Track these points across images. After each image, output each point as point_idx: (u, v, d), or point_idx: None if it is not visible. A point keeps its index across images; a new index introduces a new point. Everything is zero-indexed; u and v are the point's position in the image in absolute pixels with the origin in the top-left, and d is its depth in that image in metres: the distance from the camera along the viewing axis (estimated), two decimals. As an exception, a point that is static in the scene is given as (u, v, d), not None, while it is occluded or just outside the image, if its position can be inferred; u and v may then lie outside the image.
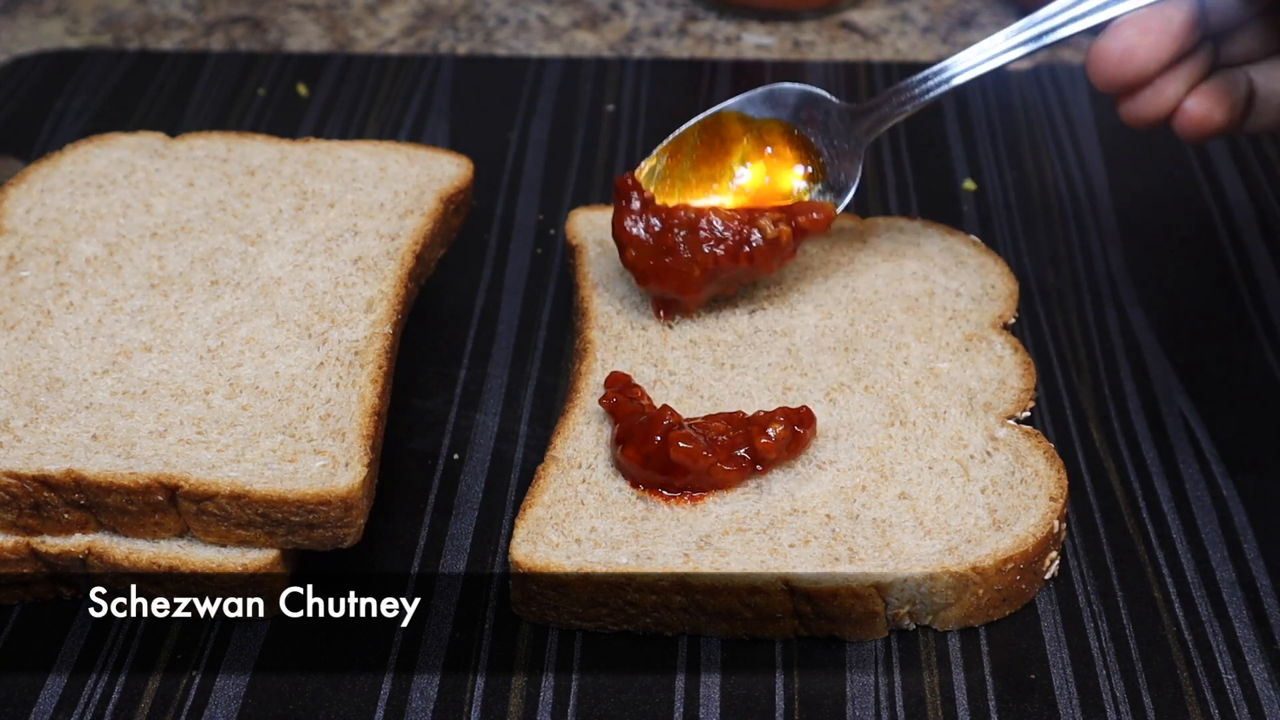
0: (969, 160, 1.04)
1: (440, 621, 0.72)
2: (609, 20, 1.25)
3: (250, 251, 0.83)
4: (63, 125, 1.09)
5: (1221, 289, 0.92)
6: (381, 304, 0.79)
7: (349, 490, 0.69)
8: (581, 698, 0.68)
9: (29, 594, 0.73)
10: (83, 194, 0.87)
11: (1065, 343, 0.88)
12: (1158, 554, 0.75)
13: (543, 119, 1.09)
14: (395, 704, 0.68)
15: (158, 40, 1.22)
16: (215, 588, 0.70)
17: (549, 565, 0.70)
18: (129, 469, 0.69)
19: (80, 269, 0.82)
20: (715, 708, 0.68)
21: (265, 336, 0.78)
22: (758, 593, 0.69)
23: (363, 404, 0.74)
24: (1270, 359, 0.86)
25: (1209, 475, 0.79)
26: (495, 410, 0.84)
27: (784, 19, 1.23)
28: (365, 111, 1.10)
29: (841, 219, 0.91)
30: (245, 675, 0.69)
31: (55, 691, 0.69)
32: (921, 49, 1.20)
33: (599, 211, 0.91)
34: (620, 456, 0.74)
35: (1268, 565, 0.74)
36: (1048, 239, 0.97)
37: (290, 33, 1.23)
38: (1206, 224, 0.98)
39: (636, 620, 0.71)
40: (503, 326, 0.90)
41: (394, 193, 0.87)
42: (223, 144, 0.92)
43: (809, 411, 0.75)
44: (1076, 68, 1.14)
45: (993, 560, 0.69)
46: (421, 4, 1.27)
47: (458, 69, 1.15)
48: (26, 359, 0.76)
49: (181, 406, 0.74)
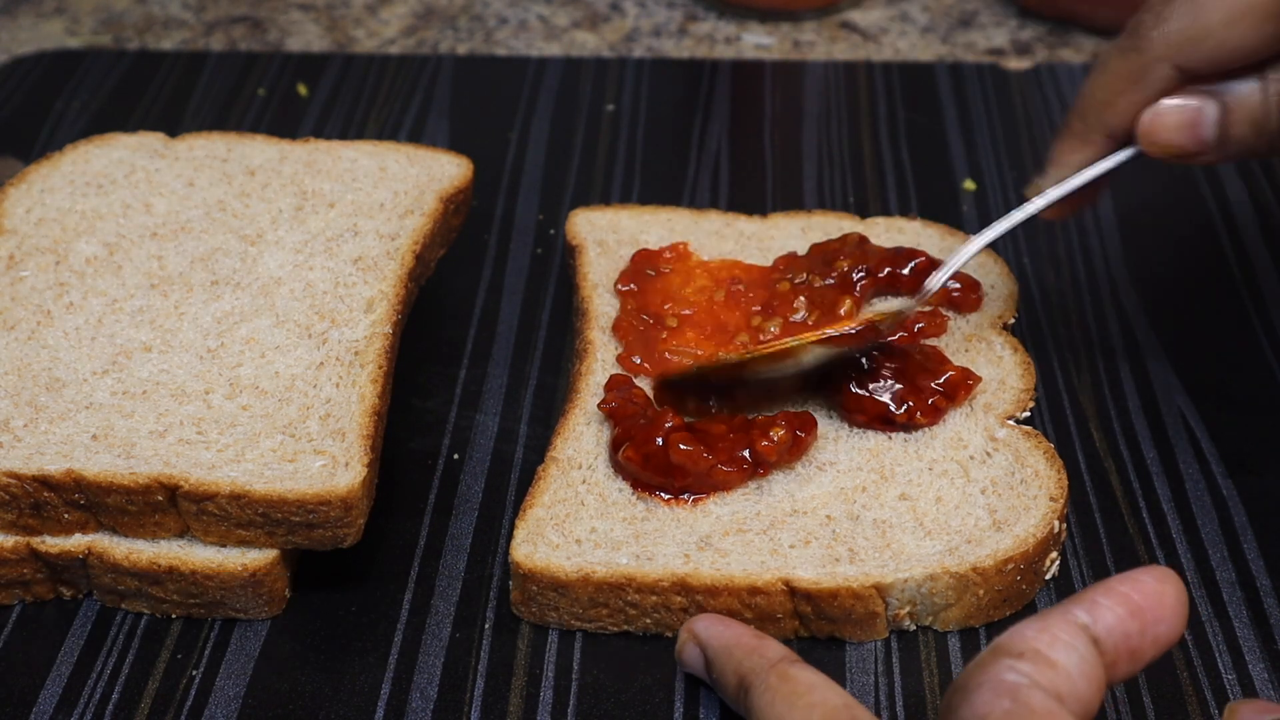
0: (969, 160, 1.04)
1: (440, 621, 0.72)
2: (609, 20, 1.25)
3: (250, 251, 0.83)
4: (63, 125, 1.09)
5: (1221, 289, 0.92)
6: (381, 304, 0.79)
7: (349, 490, 0.69)
8: (581, 698, 0.68)
9: (29, 594, 0.73)
10: (83, 194, 0.87)
11: (1065, 343, 0.88)
12: (1158, 554, 0.75)
13: (543, 119, 1.09)
14: (395, 704, 0.68)
15: (158, 40, 1.22)
16: (215, 588, 0.70)
17: (549, 566, 0.70)
18: (129, 469, 0.69)
19: (80, 269, 0.82)
20: (715, 708, 0.68)
21: (265, 336, 0.78)
22: (758, 593, 0.69)
23: (363, 404, 0.74)
24: (1270, 359, 0.86)
25: (1209, 475, 0.79)
26: (495, 410, 0.84)
27: (784, 19, 1.23)
28: (365, 111, 1.10)
29: (840, 218, 0.91)
30: (245, 675, 0.69)
31: (55, 691, 0.69)
32: (921, 49, 1.20)
33: (599, 212, 0.91)
34: (621, 458, 0.74)
35: (1268, 565, 0.74)
36: (1048, 239, 0.97)
37: (290, 33, 1.23)
38: (1206, 224, 0.98)
39: (637, 621, 0.71)
40: (503, 326, 0.90)
41: (394, 193, 0.87)
42: (223, 144, 0.92)
43: (810, 416, 0.75)
44: (1076, 68, 1.14)
45: (993, 561, 0.69)
46: (421, 4, 1.27)
47: (458, 69, 1.15)
48: (26, 359, 0.76)
49: (181, 406, 0.74)
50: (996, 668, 0.52)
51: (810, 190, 1.02)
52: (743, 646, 0.64)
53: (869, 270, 0.83)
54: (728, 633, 0.66)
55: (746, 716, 0.62)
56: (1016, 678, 0.51)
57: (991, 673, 0.52)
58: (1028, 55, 1.19)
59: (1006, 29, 1.22)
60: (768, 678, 0.62)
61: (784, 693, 0.60)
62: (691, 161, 1.05)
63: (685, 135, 1.08)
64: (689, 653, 0.67)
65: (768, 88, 1.13)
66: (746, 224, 0.91)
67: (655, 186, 1.02)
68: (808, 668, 0.62)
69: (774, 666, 0.62)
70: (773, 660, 0.62)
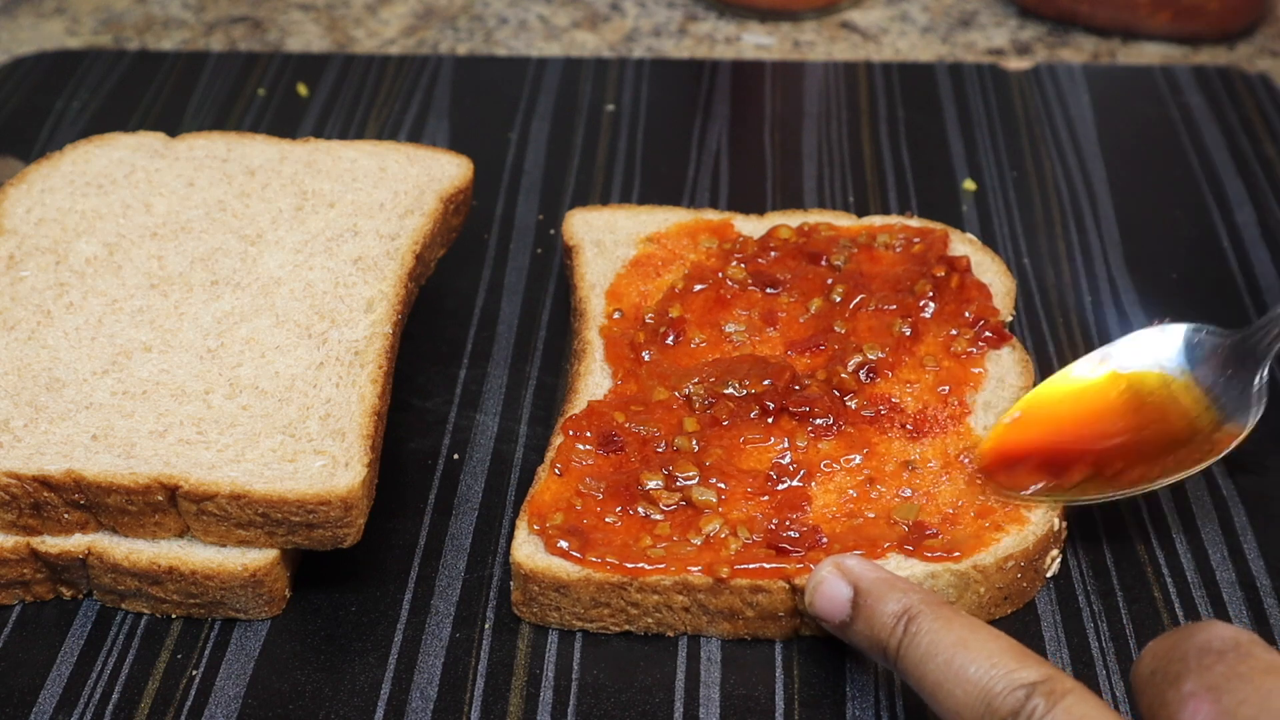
0: (969, 160, 1.04)
1: (440, 621, 0.72)
2: (609, 20, 1.25)
3: (250, 251, 0.83)
4: (63, 125, 1.09)
5: (1221, 289, 0.92)
6: (381, 304, 0.79)
7: (349, 490, 0.69)
8: (581, 698, 0.68)
9: (29, 594, 0.73)
10: (83, 194, 0.87)
11: (1065, 342, 0.88)
12: (1158, 554, 0.75)
13: (543, 119, 1.09)
14: (395, 704, 0.68)
15: (158, 40, 1.22)
16: (215, 588, 0.70)
17: (551, 566, 0.70)
18: (129, 469, 0.69)
19: (80, 269, 0.82)
20: (715, 708, 0.68)
21: (265, 336, 0.78)
22: (760, 591, 0.69)
23: (363, 404, 0.74)
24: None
25: (1209, 475, 0.79)
26: (495, 410, 0.84)
27: (784, 19, 1.23)
28: (365, 111, 1.10)
29: (837, 217, 0.91)
30: (245, 675, 0.69)
31: (55, 691, 0.69)
32: (921, 49, 1.20)
33: (596, 212, 0.91)
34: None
35: (1268, 565, 0.74)
36: (1048, 239, 0.97)
37: (290, 33, 1.23)
38: (1207, 224, 0.98)
39: (638, 621, 0.71)
40: (503, 326, 0.90)
41: (394, 193, 0.87)
42: (223, 144, 0.92)
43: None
44: (1076, 68, 1.14)
45: (993, 558, 0.69)
46: (421, 4, 1.27)
47: (458, 69, 1.15)
48: (26, 359, 0.76)
49: (181, 406, 0.74)
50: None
51: (810, 190, 1.02)
52: (904, 582, 0.66)
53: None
54: (881, 570, 0.67)
55: (900, 648, 0.63)
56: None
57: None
58: (1028, 55, 1.19)
59: (1006, 29, 1.22)
60: (940, 609, 0.63)
61: (961, 620, 0.62)
62: (691, 161, 1.05)
63: (685, 135, 1.08)
64: (831, 586, 0.66)
65: (768, 88, 1.13)
66: (744, 223, 0.91)
67: (655, 186, 1.02)
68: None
69: (942, 603, 0.64)
70: (938, 599, 0.64)
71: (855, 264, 0.85)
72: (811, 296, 0.83)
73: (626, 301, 0.84)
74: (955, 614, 0.63)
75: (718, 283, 0.84)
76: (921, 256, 0.85)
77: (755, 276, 0.84)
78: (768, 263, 0.85)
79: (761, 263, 0.85)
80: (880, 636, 0.64)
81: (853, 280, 0.84)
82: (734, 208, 0.98)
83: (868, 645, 0.65)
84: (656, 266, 0.87)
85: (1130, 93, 1.12)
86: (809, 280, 0.84)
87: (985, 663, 0.60)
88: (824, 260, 0.85)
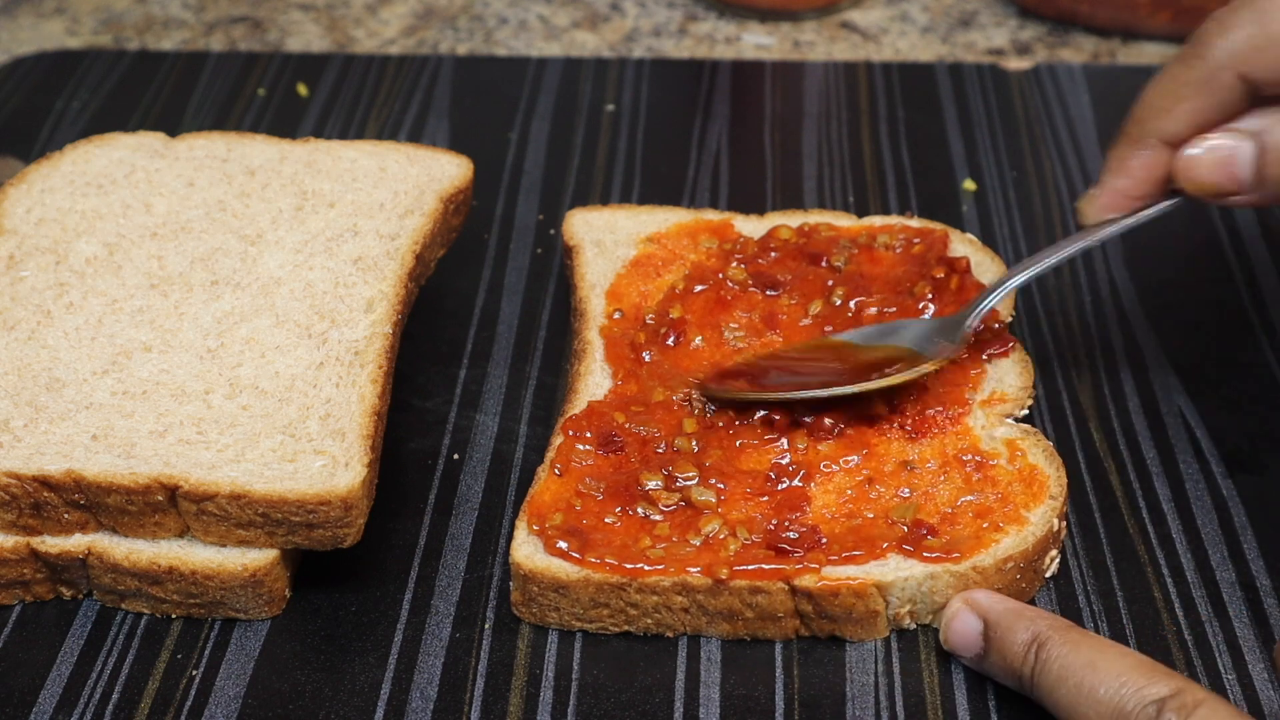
0: (969, 160, 1.04)
1: (440, 621, 0.72)
2: (609, 20, 1.25)
3: (250, 251, 0.83)
4: (63, 125, 1.09)
5: (1221, 289, 0.92)
6: (381, 304, 0.79)
7: (349, 490, 0.69)
8: (581, 698, 0.68)
9: (29, 594, 0.73)
10: (83, 194, 0.87)
11: (1065, 342, 0.88)
12: (1158, 554, 0.75)
13: (543, 119, 1.09)
14: (395, 704, 0.68)
15: (158, 40, 1.22)
16: (215, 588, 0.70)
17: (550, 567, 0.70)
18: (129, 469, 0.70)
19: (80, 269, 0.82)
20: (715, 708, 0.68)
21: (265, 336, 0.78)
22: (759, 592, 0.69)
23: (363, 404, 0.74)
24: (1270, 359, 0.86)
25: (1209, 475, 0.79)
26: (495, 410, 0.84)
27: (784, 19, 1.23)
28: (365, 111, 1.10)
29: (837, 217, 0.91)
30: (245, 675, 0.69)
31: (55, 691, 0.69)
32: (921, 49, 1.20)
33: (595, 212, 0.91)
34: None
35: (1268, 565, 0.74)
36: (1048, 239, 0.97)
37: (290, 33, 1.23)
38: (1207, 224, 0.98)
39: (638, 621, 0.71)
40: (503, 326, 0.90)
41: (394, 193, 0.87)
42: (223, 144, 0.92)
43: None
44: (1076, 68, 1.14)
45: (992, 559, 0.69)
46: (421, 4, 1.27)
47: (458, 69, 1.15)
48: (26, 359, 0.76)
49: (181, 406, 0.74)
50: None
51: (810, 190, 1.02)
52: (1031, 610, 0.67)
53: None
54: (1009, 601, 0.68)
55: (1034, 675, 0.64)
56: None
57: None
58: (1028, 55, 1.19)
59: (1006, 29, 1.22)
60: (1068, 633, 0.64)
61: (1089, 642, 0.63)
62: (691, 161, 1.05)
63: (685, 135, 1.08)
64: (963, 621, 0.68)
65: (768, 88, 1.13)
66: (744, 223, 0.91)
67: (655, 186, 1.02)
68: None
69: (1069, 627, 0.65)
70: (1065, 623, 0.65)
71: (855, 265, 0.85)
72: (812, 299, 0.83)
73: (627, 302, 0.84)
74: (1083, 636, 0.64)
75: (718, 284, 0.84)
76: (921, 257, 0.85)
77: (756, 278, 0.84)
78: (768, 263, 0.85)
79: (762, 263, 0.85)
80: (1014, 666, 0.65)
81: (853, 282, 0.84)
82: (734, 208, 0.98)
83: (1004, 675, 0.66)
84: (657, 267, 0.87)
85: (1130, 93, 1.11)
86: (809, 282, 0.84)
87: (1114, 682, 0.60)
88: (824, 261, 0.85)
